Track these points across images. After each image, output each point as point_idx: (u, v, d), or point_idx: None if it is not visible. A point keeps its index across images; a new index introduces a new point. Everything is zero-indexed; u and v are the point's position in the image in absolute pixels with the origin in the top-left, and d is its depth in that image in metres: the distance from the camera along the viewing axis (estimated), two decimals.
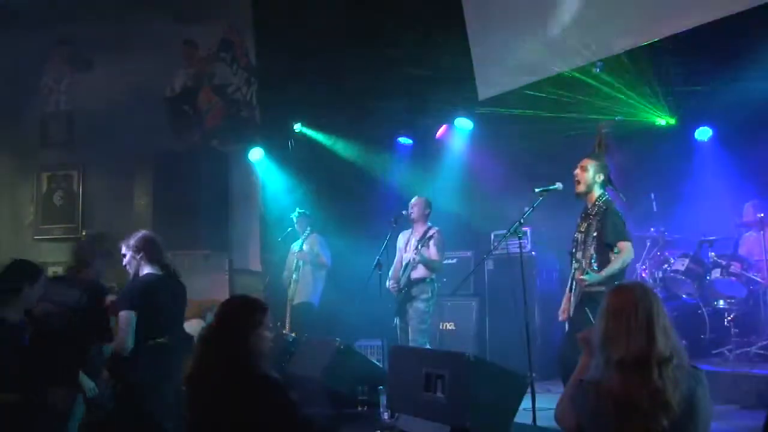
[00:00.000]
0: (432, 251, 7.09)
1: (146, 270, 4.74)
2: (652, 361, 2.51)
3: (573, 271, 5.31)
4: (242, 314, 3.13)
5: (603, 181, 5.36)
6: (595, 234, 5.14)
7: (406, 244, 7.33)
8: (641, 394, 2.49)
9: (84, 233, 10.01)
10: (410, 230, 7.38)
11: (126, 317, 4.49)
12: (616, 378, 2.55)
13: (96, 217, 10.28)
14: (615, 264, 5.08)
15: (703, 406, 2.54)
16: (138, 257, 4.76)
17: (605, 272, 5.05)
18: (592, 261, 5.12)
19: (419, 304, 7.04)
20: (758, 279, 7.10)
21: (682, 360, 2.57)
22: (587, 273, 5.02)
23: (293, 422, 2.97)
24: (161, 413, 4.36)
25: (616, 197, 5.55)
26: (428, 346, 7.00)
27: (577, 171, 5.37)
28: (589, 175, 5.32)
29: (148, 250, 4.77)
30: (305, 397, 4.78)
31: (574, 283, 5.18)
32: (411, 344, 6.86)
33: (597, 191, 5.34)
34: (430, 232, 7.16)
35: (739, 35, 6.84)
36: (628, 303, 2.63)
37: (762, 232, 7.05)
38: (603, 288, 5.07)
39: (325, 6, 8.78)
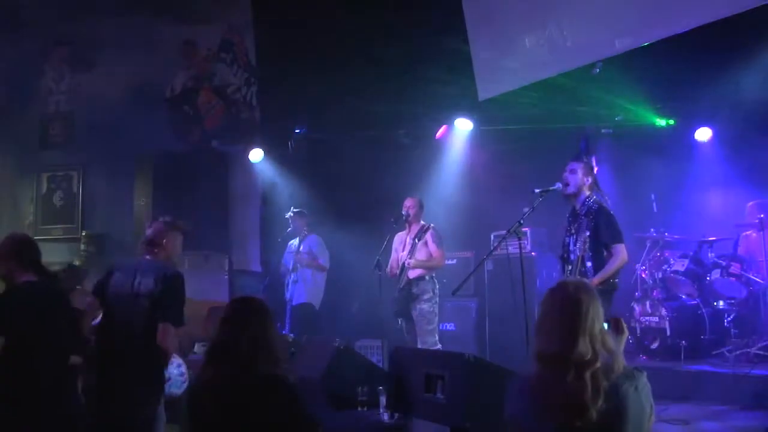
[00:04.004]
0: (432, 247, 7.07)
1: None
2: (570, 362, 2.49)
3: (566, 274, 5.36)
4: (257, 315, 3.12)
5: (591, 183, 5.48)
6: (587, 233, 5.20)
7: (402, 244, 7.32)
8: (556, 391, 2.50)
9: (84, 233, 10.02)
10: (405, 231, 7.37)
11: None
12: (536, 370, 2.59)
13: (96, 218, 10.28)
14: (610, 268, 5.17)
15: (635, 408, 2.50)
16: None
17: (598, 278, 5.12)
18: (585, 261, 5.17)
19: (423, 305, 7.01)
20: (758, 279, 7.11)
21: (612, 364, 2.54)
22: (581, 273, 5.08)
23: (304, 423, 2.96)
24: None
25: (601, 198, 5.62)
26: (439, 346, 6.98)
27: (566, 174, 5.49)
28: (578, 177, 5.46)
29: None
30: (305, 397, 4.77)
31: None
32: (420, 346, 6.83)
33: (585, 193, 5.46)
34: (426, 228, 7.16)
35: (739, 36, 6.84)
36: (558, 300, 2.65)
37: (762, 232, 7.06)
38: (599, 287, 5.12)
39: (325, 6, 8.78)
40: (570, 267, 5.30)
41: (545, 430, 2.54)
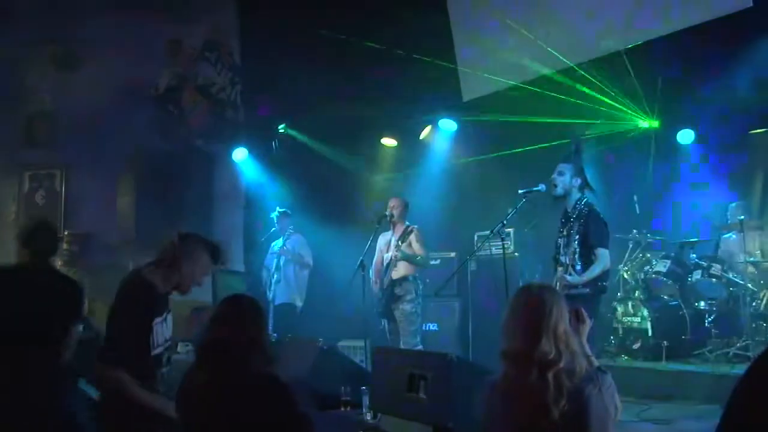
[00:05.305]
0: (415, 247, 7.09)
1: None
2: (533, 361, 2.53)
3: (557, 274, 5.39)
4: (252, 314, 3.10)
5: (581, 184, 5.47)
6: (577, 237, 5.24)
7: (387, 245, 7.32)
8: (520, 390, 2.54)
9: (66, 233, 9.95)
10: (390, 231, 7.38)
11: None
12: (503, 370, 2.64)
13: (79, 217, 10.21)
14: (594, 269, 5.20)
15: (599, 411, 2.52)
16: None
17: (585, 276, 5.16)
18: (576, 261, 5.20)
19: (406, 306, 7.02)
20: (738, 280, 7.17)
21: (576, 364, 2.58)
22: (570, 275, 5.12)
23: (297, 422, 2.95)
24: None
25: (594, 197, 5.64)
26: (420, 347, 6.99)
27: (555, 176, 5.48)
28: (566, 179, 5.45)
29: None
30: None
31: (557, 285, 5.25)
32: (403, 346, 6.83)
33: (575, 195, 5.45)
34: (410, 230, 7.17)
35: (721, 39, 6.90)
36: (523, 301, 2.70)
37: (742, 234, 7.13)
38: (587, 290, 5.16)
39: (311, 7, 8.78)
40: (561, 268, 5.33)
41: (511, 429, 2.57)
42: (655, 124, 8.34)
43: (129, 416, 3.35)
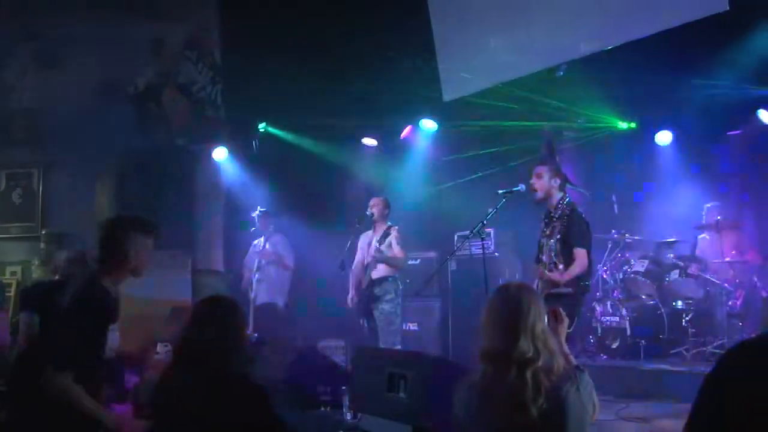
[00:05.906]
0: (395, 249, 7.09)
1: None
2: (511, 360, 2.56)
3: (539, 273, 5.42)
4: (230, 314, 3.09)
5: (561, 183, 5.49)
6: (558, 236, 5.27)
7: (368, 245, 7.32)
8: (499, 389, 2.57)
9: (44, 232, 9.86)
10: (371, 231, 7.38)
11: None
12: (482, 369, 2.66)
13: (56, 216, 10.11)
14: (573, 270, 5.23)
15: (576, 407, 2.55)
16: None
17: (565, 275, 5.19)
18: (554, 259, 5.24)
19: (385, 306, 7.01)
20: (714, 280, 7.25)
21: (554, 363, 2.60)
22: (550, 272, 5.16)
23: (272, 424, 2.95)
24: None
25: (578, 194, 5.66)
26: (399, 347, 6.99)
27: (533, 180, 5.51)
28: (545, 181, 5.48)
29: None
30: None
31: (539, 284, 5.28)
32: (382, 346, 6.84)
33: (557, 195, 5.48)
34: (390, 231, 7.17)
35: (698, 42, 6.96)
36: (500, 300, 2.74)
37: (719, 234, 7.20)
38: (569, 289, 5.20)
39: (291, 6, 8.75)
40: (542, 267, 5.36)
41: (489, 428, 2.59)
42: (633, 125, 8.41)
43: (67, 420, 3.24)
